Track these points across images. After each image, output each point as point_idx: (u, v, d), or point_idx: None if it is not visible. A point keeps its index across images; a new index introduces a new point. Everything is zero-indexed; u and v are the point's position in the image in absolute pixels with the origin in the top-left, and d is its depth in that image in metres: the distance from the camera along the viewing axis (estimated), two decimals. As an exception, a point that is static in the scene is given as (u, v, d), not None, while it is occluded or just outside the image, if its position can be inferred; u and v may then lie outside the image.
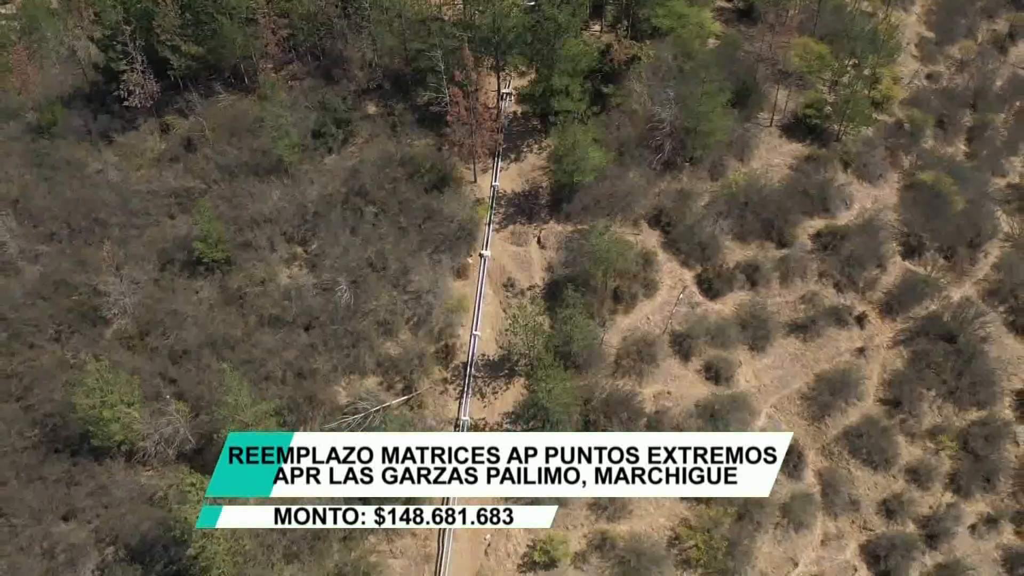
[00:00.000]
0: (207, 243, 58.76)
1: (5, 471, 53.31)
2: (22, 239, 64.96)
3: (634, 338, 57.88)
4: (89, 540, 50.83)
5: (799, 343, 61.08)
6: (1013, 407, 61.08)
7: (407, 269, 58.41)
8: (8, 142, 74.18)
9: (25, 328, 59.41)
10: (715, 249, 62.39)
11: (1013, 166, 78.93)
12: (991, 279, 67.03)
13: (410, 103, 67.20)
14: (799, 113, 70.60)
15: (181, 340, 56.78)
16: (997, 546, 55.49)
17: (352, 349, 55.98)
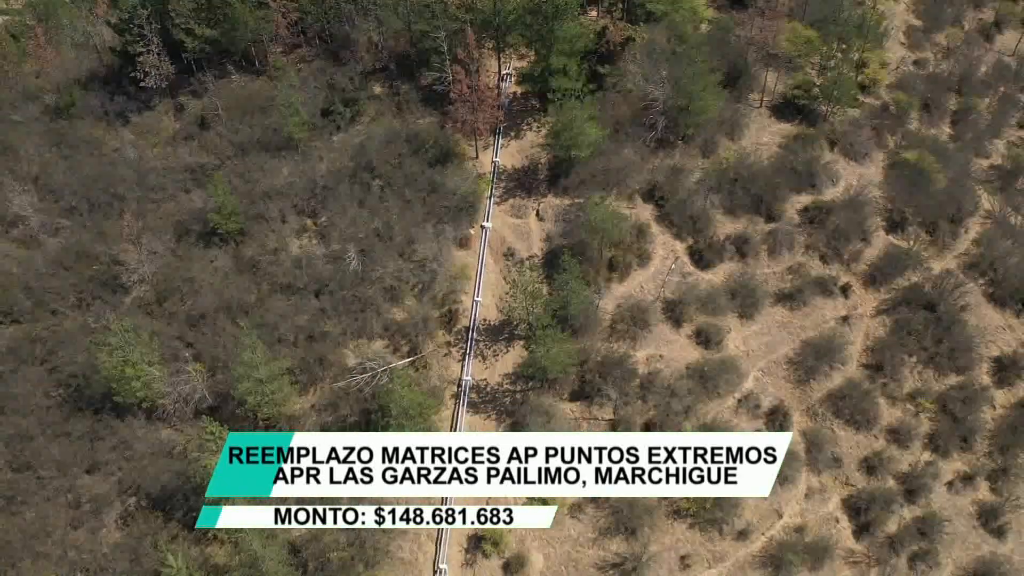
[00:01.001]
0: (222, 214, 61.72)
1: (32, 428, 56.39)
2: (44, 214, 67.96)
3: (628, 305, 60.79)
4: (112, 490, 53.89)
5: (786, 311, 63.89)
6: (990, 373, 63.84)
7: (412, 239, 61.38)
8: (28, 123, 77.15)
9: (48, 296, 62.54)
10: (706, 222, 65.22)
11: (996, 148, 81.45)
12: (971, 253, 69.72)
13: (414, 83, 70.18)
14: (788, 94, 73.46)
15: (198, 305, 59.79)
16: (973, 501, 58.30)
17: (360, 314, 58.98)
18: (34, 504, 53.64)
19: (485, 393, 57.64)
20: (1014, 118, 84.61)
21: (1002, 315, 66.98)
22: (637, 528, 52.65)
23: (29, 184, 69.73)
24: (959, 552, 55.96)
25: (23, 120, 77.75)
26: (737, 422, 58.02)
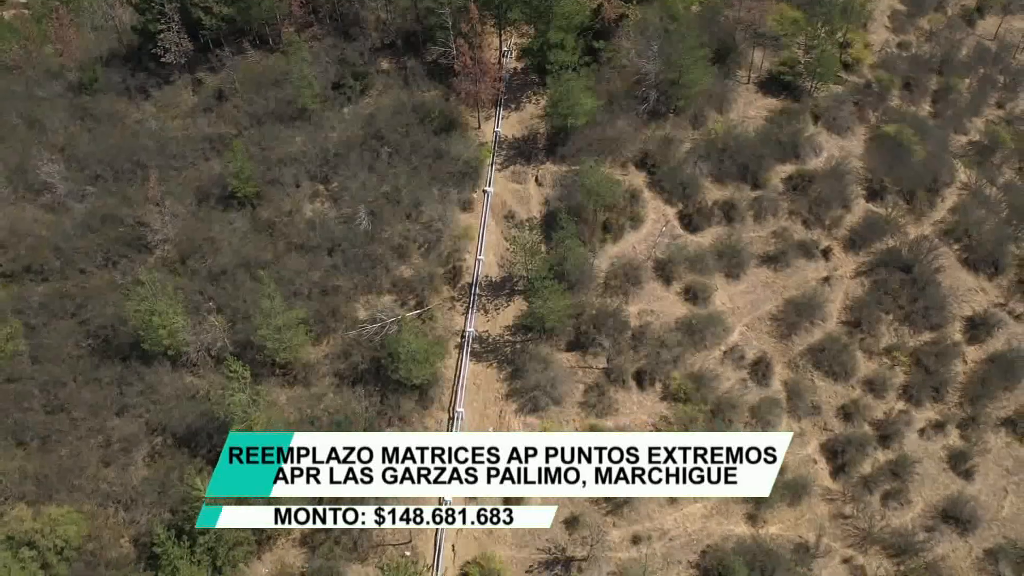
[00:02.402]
0: (240, 179, 65.75)
1: (64, 375, 60.36)
2: (70, 181, 72.03)
3: (621, 263, 64.81)
4: (140, 431, 57.83)
5: (770, 272, 67.86)
6: (963, 331, 67.75)
7: (419, 202, 65.41)
8: (53, 99, 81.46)
9: (77, 256, 66.60)
10: (695, 189, 69.20)
11: (975, 125, 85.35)
12: (947, 221, 73.66)
13: (420, 59, 74.26)
14: (774, 71, 77.45)
15: (218, 263, 63.79)
16: (943, 447, 62.14)
17: (370, 270, 63.02)
18: (68, 443, 57.58)
19: (487, 343, 61.69)
20: (993, 98, 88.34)
21: (975, 278, 70.91)
22: (628, 465, 56.55)
23: (56, 154, 73.84)
24: (929, 491, 59.85)
25: (48, 96, 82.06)
26: (723, 371, 62.03)
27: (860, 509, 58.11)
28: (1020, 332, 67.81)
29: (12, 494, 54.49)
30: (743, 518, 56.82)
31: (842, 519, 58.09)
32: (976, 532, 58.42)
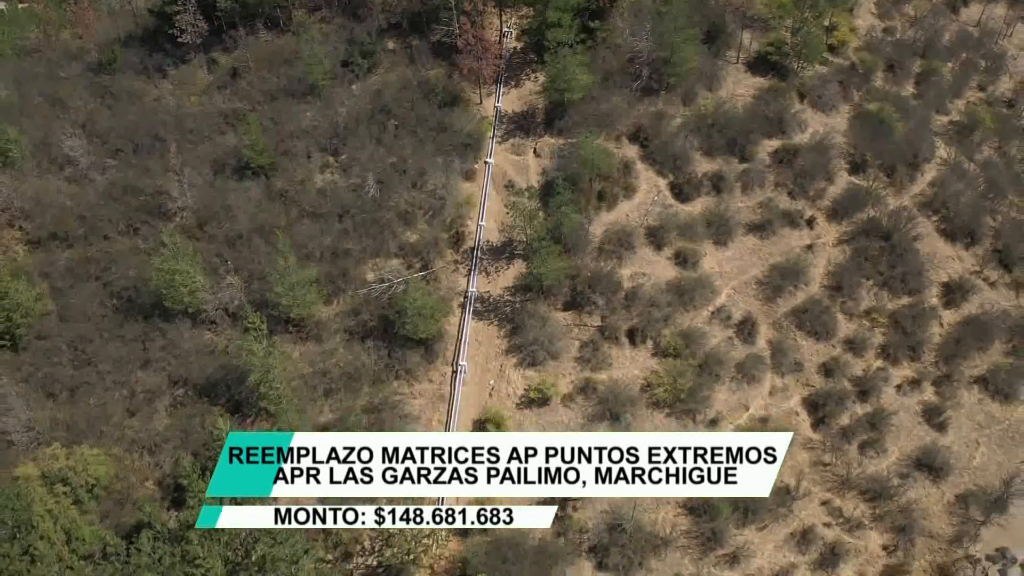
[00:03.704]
0: (255, 150, 69.52)
1: (90, 332, 64.26)
2: (92, 155, 75.84)
3: (615, 229, 68.50)
4: (163, 383, 61.73)
5: (756, 239, 71.57)
6: (939, 296, 71.50)
7: (424, 171, 69.22)
8: (73, 79, 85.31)
9: (100, 223, 70.47)
10: (686, 161, 72.87)
11: (956, 107, 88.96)
12: (926, 194, 77.40)
13: (425, 38, 78.02)
14: (762, 51, 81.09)
15: (234, 228, 67.61)
16: (918, 402, 65.84)
17: (378, 235, 66.88)
18: (95, 394, 61.48)
19: (488, 303, 65.50)
20: (975, 81, 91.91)
21: (952, 247, 74.59)
22: (621, 415, 60.32)
23: (78, 130, 77.62)
24: (904, 442, 63.57)
25: (69, 77, 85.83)
26: (710, 330, 65.75)
27: (838, 457, 61.88)
28: (994, 297, 71.62)
29: (44, 440, 58.28)
30: (728, 464, 60.43)
31: (822, 466, 61.88)
32: (948, 479, 62.20)
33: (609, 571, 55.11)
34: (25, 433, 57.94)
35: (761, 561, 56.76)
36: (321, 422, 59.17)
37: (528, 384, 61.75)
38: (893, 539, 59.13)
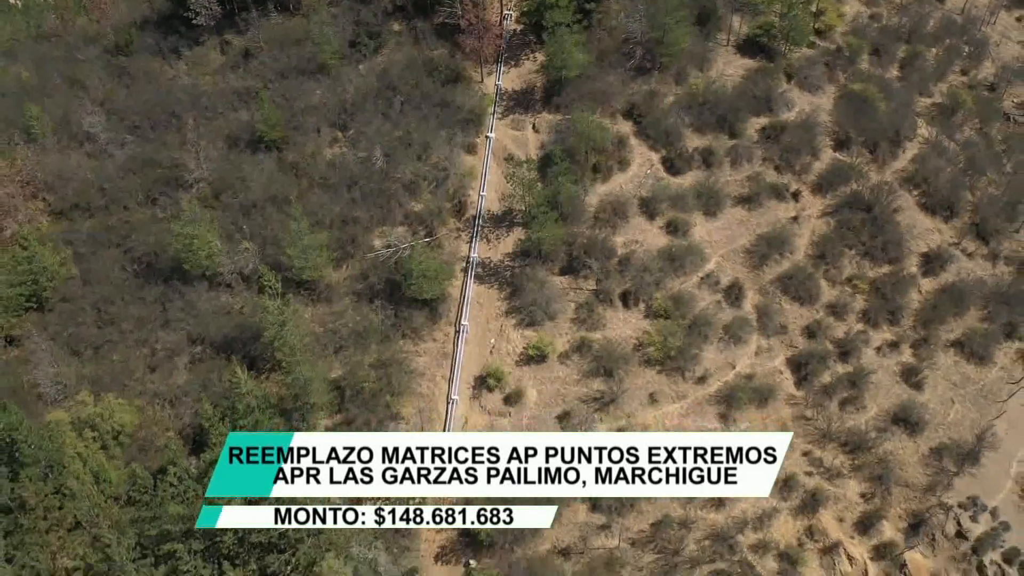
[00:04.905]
0: (267, 125, 73.17)
1: (112, 295, 67.90)
2: (111, 131, 79.50)
3: (609, 200, 72.15)
4: (182, 341, 65.37)
5: (744, 211, 75.16)
6: (919, 265, 75.04)
7: (428, 145, 72.93)
8: (91, 61, 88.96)
9: (120, 195, 74.13)
10: (677, 137, 76.47)
11: (939, 89, 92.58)
12: (907, 170, 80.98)
13: (429, 20, 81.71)
14: (751, 34, 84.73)
15: (248, 198, 71.22)
16: (897, 363, 69.34)
17: (385, 204, 70.60)
18: (118, 351, 65.16)
19: (489, 268, 69.17)
20: (958, 66, 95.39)
21: (932, 220, 78.18)
22: (614, 371, 63.96)
23: (97, 108, 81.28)
24: (882, 399, 67.08)
25: (86, 59, 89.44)
26: (699, 294, 69.38)
27: (820, 412, 65.44)
28: (971, 267, 75.18)
29: (70, 393, 61.91)
30: (716, 417, 64.16)
31: (804, 420, 65.47)
32: (923, 434, 65.72)
33: (602, 512, 58.66)
34: (53, 386, 61.52)
35: (745, 504, 60.33)
36: (332, 377, 62.73)
37: (527, 343, 65.36)
38: (870, 487, 62.76)
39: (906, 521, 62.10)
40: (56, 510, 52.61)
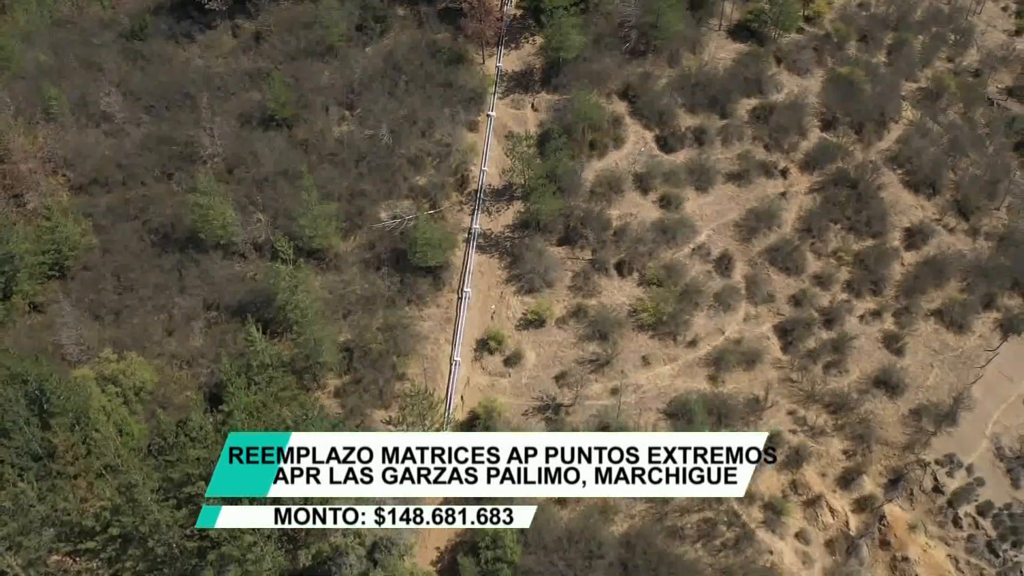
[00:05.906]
0: (278, 104, 76.56)
1: (132, 263, 71.27)
2: (127, 111, 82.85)
3: (605, 175, 75.53)
4: (198, 306, 68.69)
5: (735, 187, 78.54)
6: (901, 239, 78.35)
7: (432, 123, 76.36)
8: (107, 45, 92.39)
9: (137, 170, 77.52)
10: (670, 116, 79.87)
11: (925, 75, 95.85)
12: (892, 149, 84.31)
13: (432, 5, 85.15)
14: (743, 20, 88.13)
15: (260, 173, 74.57)
16: (879, 330, 72.58)
17: (391, 178, 73.99)
18: (137, 316, 68.46)
19: (490, 238, 72.59)
20: (944, 53, 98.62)
21: (915, 198, 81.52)
22: (609, 335, 67.30)
23: (113, 88, 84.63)
24: (865, 363, 70.31)
25: (102, 44, 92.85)
26: (691, 264, 72.72)
27: (804, 375, 68.73)
28: (952, 241, 78.48)
29: (93, 355, 65.23)
30: (705, 378, 67.52)
31: (789, 382, 68.76)
32: (904, 396, 68.91)
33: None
34: (76, 347, 64.86)
35: (732, 459, 63.59)
36: (341, 340, 66.06)
37: (526, 308, 68.74)
38: (852, 445, 65.95)
39: (886, 477, 65.31)
40: (83, 457, 55.90)
